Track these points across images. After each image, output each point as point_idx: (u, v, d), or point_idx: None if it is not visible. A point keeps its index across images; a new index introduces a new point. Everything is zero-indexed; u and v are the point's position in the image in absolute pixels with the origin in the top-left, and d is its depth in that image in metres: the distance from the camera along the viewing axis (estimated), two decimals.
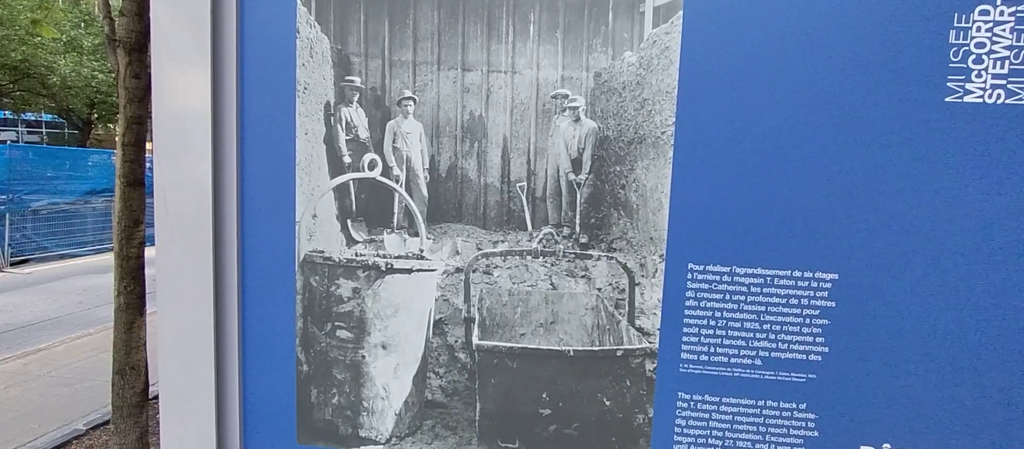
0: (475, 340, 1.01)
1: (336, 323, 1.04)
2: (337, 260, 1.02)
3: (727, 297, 0.93)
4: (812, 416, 0.93)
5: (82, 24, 14.44)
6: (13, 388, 5.23)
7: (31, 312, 7.53)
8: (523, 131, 0.96)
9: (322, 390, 1.05)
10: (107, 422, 4.48)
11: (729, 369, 0.94)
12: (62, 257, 11.05)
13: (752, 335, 0.93)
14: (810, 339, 0.92)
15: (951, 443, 0.91)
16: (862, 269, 0.89)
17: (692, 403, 0.96)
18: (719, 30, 0.88)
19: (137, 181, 2.86)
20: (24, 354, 6.06)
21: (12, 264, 10.13)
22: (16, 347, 6.23)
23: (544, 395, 1.00)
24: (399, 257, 1.01)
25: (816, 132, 0.88)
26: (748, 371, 0.94)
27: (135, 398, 3.06)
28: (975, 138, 0.84)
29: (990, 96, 0.83)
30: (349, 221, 1.02)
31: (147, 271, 2.95)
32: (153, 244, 1.08)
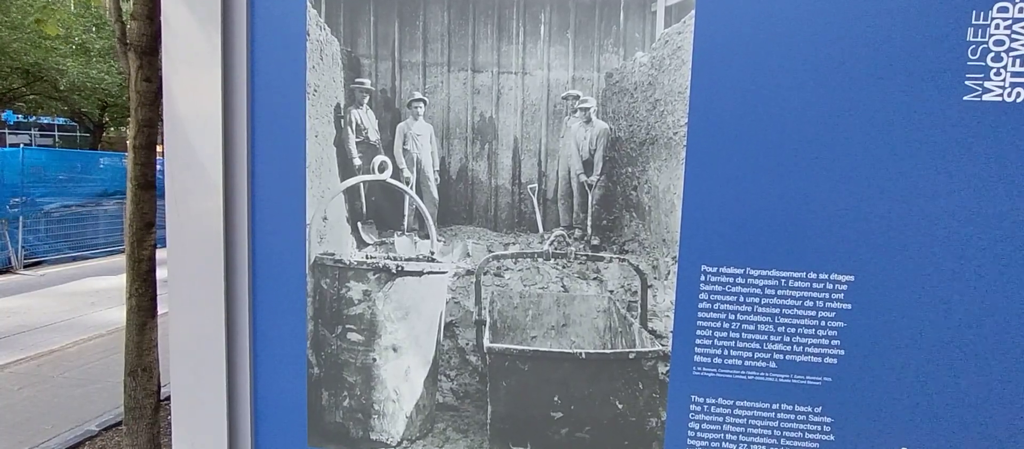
0: (486, 343, 1.00)
1: (347, 325, 1.03)
2: (348, 263, 1.02)
3: (741, 299, 0.92)
4: (828, 420, 0.92)
5: (93, 28, 14.56)
6: (27, 389, 5.28)
7: (44, 314, 7.59)
8: (534, 132, 0.96)
9: (333, 392, 1.05)
10: (119, 423, 4.51)
11: (743, 372, 0.93)
12: (74, 259, 11.14)
13: (766, 337, 0.92)
14: (826, 342, 0.90)
15: (969, 448, 0.90)
16: (879, 270, 0.88)
17: (705, 406, 0.95)
18: (732, 29, 0.87)
19: (149, 184, 2.88)
20: (38, 356, 6.11)
21: (26, 266, 10.23)
22: (30, 349, 6.29)
23: (556, 398, 0.99)
24: (410, 259, 1.01)
25: (830, 132, 0.86)
26: (762, 374, 0.93)
27: (147, 399, 3.08)
28: (994, 137, 0.83)
29: (1009, 94, 0.82)
30: (359, 223, 1.02)
31: (158, 273, 2.97)
32: (165, 246, 1.08)
